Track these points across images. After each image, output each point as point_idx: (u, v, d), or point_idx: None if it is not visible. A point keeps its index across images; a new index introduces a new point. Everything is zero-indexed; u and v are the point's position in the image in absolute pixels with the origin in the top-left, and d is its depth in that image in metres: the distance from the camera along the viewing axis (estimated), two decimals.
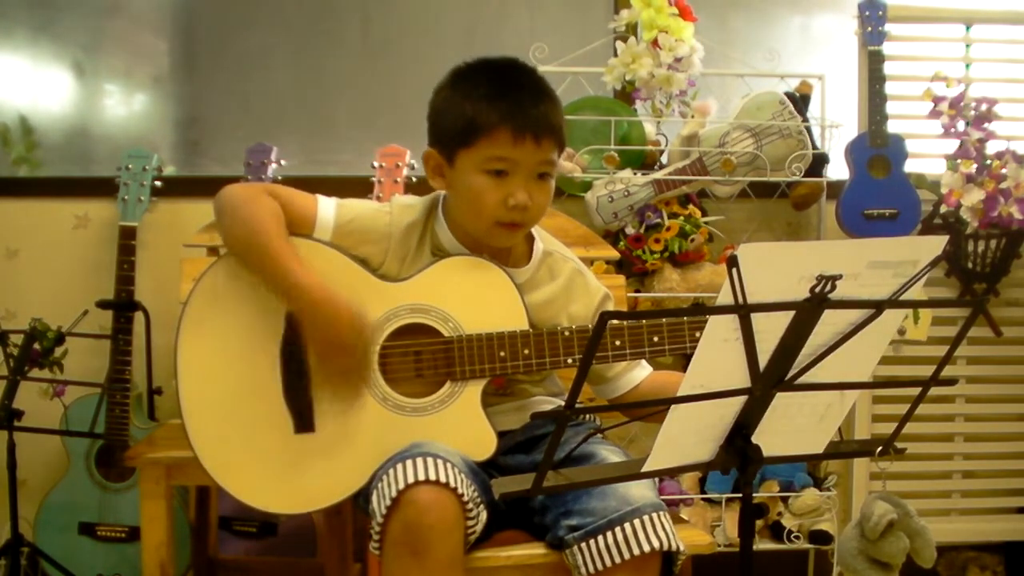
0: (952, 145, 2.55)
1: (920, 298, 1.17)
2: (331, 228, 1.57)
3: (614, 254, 2.27)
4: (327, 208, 1.58)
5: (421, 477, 1.37)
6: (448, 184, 1.58)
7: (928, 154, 2.65)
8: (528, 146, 1.51)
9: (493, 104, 1.51)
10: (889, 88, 2.58)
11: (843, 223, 2.57)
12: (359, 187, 2.29)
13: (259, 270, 1.52)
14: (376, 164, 2.34)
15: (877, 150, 2.55)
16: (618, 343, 1.55)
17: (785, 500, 2.53)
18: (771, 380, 1.15)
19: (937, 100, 2.56)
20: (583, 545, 1.41)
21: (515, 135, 1.50)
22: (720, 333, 1.09)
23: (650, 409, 1.51)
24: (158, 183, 2.51)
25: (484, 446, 1.52)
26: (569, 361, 1.55)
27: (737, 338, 1.10)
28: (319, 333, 1.49)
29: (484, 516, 1.46)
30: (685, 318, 1.54)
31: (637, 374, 1.67)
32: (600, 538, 1.40)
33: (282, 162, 2.47)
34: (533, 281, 1.63)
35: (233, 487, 1.53)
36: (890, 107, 2.57)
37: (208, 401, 1.54)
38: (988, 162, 2.50)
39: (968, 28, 2.73)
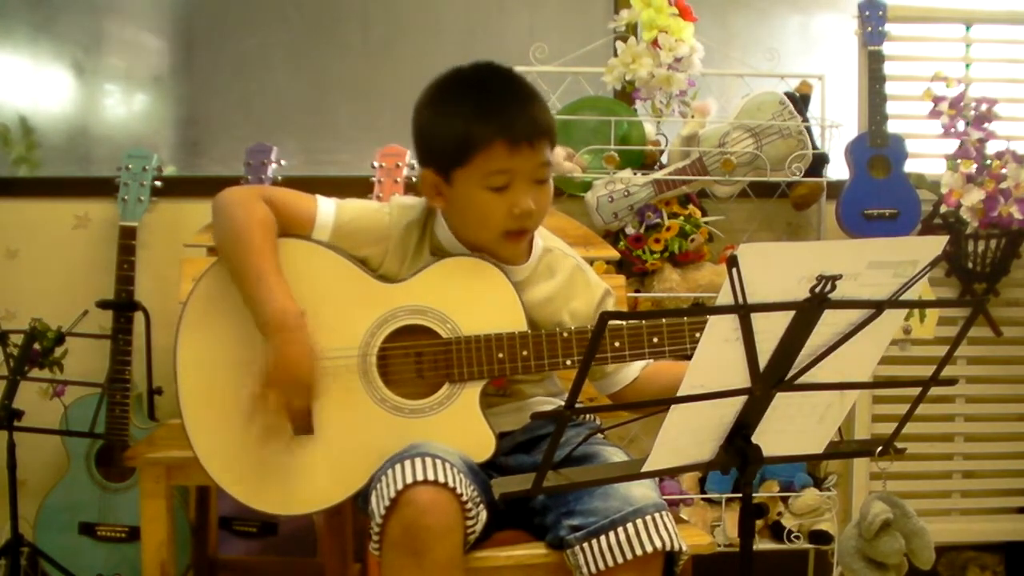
0: (952, 145, 2.55)
1: (925, 297, 1.17)
2: (330, 229, 1.57)
3: (614, 254, 2.27)
4: (327, 209, 1.58)
5: (420, 477, 1.37)
6: (448, 202, 1.57)
7: (928, 154, 2.65)
8: (525, 153, 1.50)
9: (483, 118, 1.49)
10: (889, 88, 2.58)
11: (843, 223, 2.56)
12: (359, 187, 2.29)
13: (237, 283, 1.51)
14: (376, 164, 2.34)
15: (877, 150, 2.55)
16: (617, 344, 1.54)
17: (785, 500, 2.53)
18: (771, 380, 1.15)
19: (937, 100, 2.56)
20: (585, 545, 1.41)
21: (511, 146, 1.49)
22: (720, 333, 1.09)
23: (649, 407, 1.52)
24: (158, 183, 2.51)
25: (483, 447, 1.52)
26: (568, 363, 1.54)
27: (737, 338, 1.10)
28: (272, 362, 1.45)
29: (484, 516, 1.46)
30: (685, 319, 1.54)
31: (635, 366, 1.66)
32: (602, 538, 1.40)
33: (282, 162, 2.47)
34: (533, 278, 1.63)
35: (232, 488, 1.53)
36: (890, 107, 2.57)
37: (208, 402, 1.54)
38: (988, 162, 2.50)
39: (968, 28, 2.72)
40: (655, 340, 1.54)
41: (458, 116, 1.51)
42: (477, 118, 1.49)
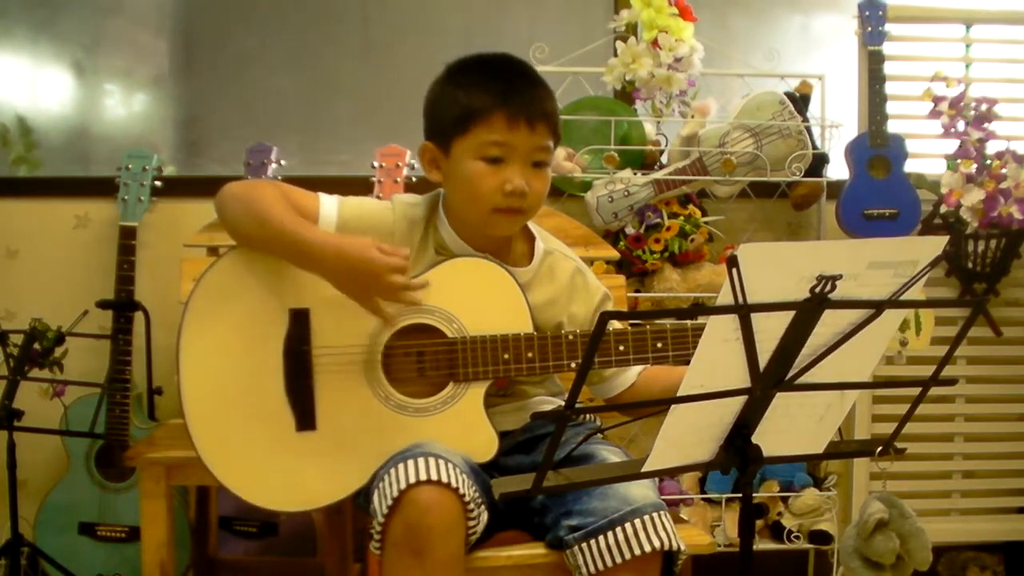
0: (952, 145, 2.55)
1: (920, 298, 1.16)
2: (333, 226, 1.57)
3: (614, 254, 2.27)
4: (330, 206, 1.58)
5: (423, 477, 1.37)
6: (445, 175, 1.59)
7: (928, 154, 2.65)
8: (523, 130, 1.52)
9: (487, 90, 1.52)
10: (889, 88, 2.58)
11: (843, 223, 2.57)
12: (359, 187, 2.28)
13: (274, 246, 1.50)
14: (376, 164, 2.34)
15: (877, 150, 2.55)
16: (622, 348, 1.54)
17: (785, 500, 2.53)
18: (771, 380, 1.15)
19: (937, 100, 2.56)
20: (584, 545, 1.41)
21: (510, 119, 1.51)
22: (720, 333, 1.09)
23: (649, 408, 1.52)
24: (158, 183, 2.51)
25: (486, 448, 1.52)
26: (572, 365, 1.54)
27: (737, 338, 1.10)
28: (352, 274, 1.46)
29: (485, 516, 1.46)
30: (690, 324, 1.54)
31: (632, 372, 1.66)
32: (601, 538, 1.40)
33: (282, 162, 2.47)
34: (535, 281, 1.63)
35: (234, 484, 1.53)
36: (890, 107, 2.57)
37: (210, 398, 1.54)
38: (988, 162, 2.50)
39: (968, 28, 2.73)
40: (659, 345, 1.54)
41: (463, 88, 1.54)
42: (481, 90, 1.52)
